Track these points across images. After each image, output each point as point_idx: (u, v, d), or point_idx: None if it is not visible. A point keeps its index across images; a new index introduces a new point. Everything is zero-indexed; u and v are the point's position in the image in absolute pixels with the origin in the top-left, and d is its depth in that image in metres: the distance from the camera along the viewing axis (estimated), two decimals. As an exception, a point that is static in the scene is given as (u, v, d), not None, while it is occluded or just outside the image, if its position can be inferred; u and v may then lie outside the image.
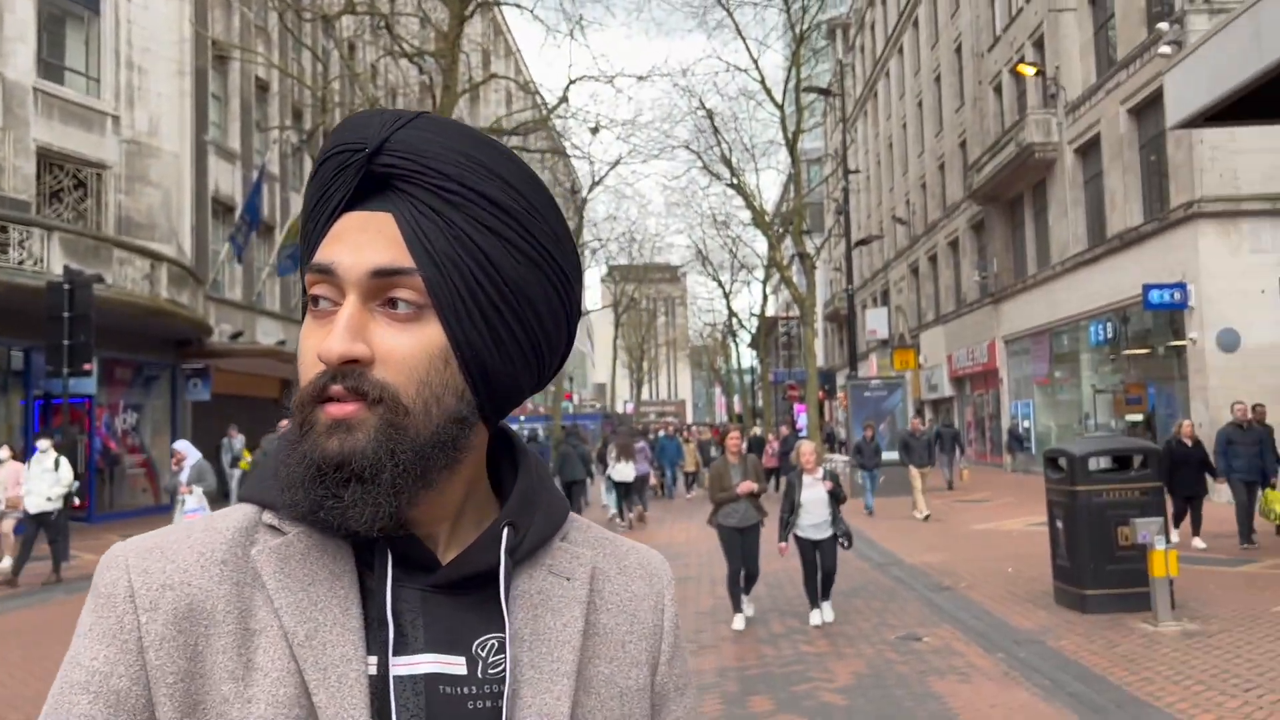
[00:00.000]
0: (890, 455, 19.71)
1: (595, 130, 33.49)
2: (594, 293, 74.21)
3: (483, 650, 0.78)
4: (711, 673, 6.87)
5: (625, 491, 18.05)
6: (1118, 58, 22.24)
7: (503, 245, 0.79)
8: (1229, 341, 18.56)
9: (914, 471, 17.30)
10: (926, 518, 16.36)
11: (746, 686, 6.50)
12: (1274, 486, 11.88)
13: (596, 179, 38.41)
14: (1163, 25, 19.22)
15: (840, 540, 8.37)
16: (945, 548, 12.95)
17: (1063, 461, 8.89)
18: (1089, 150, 24.29)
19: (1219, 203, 18.75)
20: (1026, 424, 28.06)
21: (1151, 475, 8.69)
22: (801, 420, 39.47)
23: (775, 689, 6.41)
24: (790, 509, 8.38)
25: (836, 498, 8.40)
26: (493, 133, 22.51)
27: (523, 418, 38.53)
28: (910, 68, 40.95)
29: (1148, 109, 20.60)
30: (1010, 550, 12.56)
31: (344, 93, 28.79)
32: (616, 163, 37.57)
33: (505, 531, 0.80)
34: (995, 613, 8.62)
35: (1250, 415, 12.26)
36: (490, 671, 0.77)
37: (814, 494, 8.37)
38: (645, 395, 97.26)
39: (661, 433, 26.08)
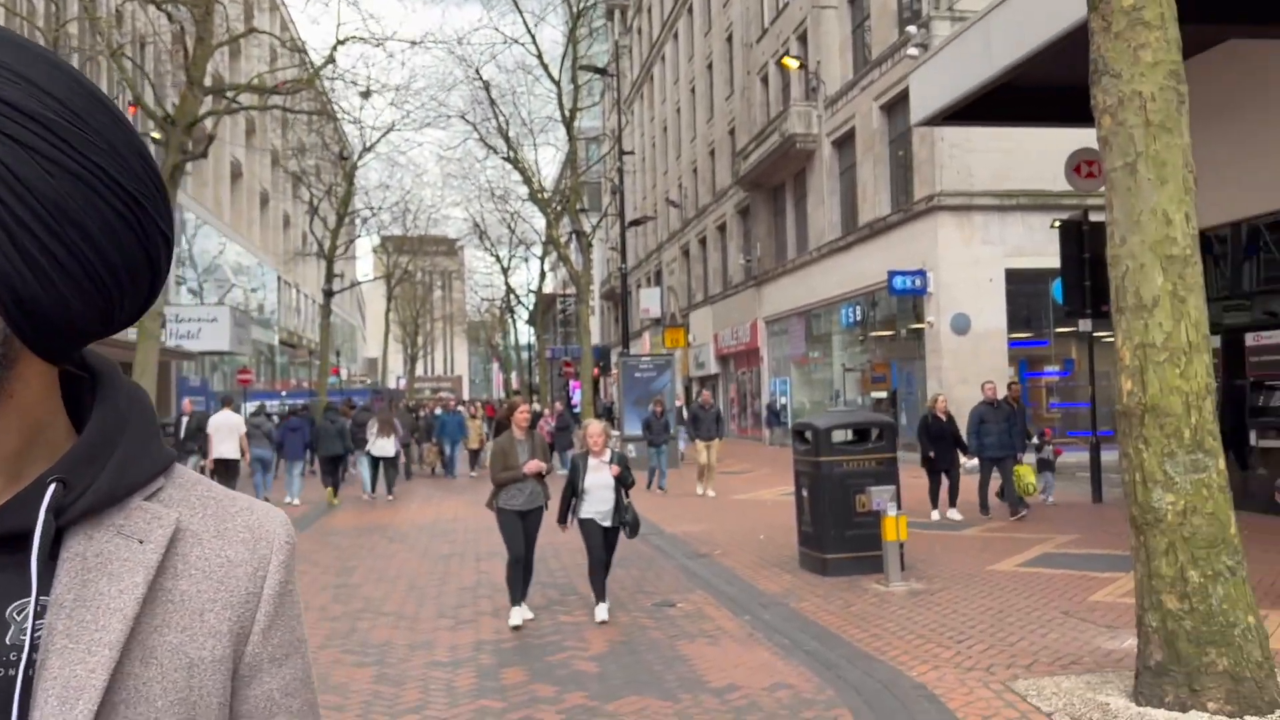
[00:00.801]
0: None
1: (366, 95, 32.18)
2: (365, 263, 71.75)
3: (18, 616, 0.70)
4: (467, 647, 6.81)
5: (382, 466, 17.96)
6: (872, 56, 23.70)
7: (30, 157, 0.69)
8: (961, 325, 20.30)
9: (700, 445, 16.76)
10: (707, 495, 16.18)
11: (502, 659, 6.48)
12: (1020, 461, 12.98)
13: (368, 145, 37.04)
14: (911, 29, 20.64)
15: (624, 528, 7.56)
16: (705, 518, 13.46)
17: (809, 434, 9.41)
18: (845, 143, 25.79)
19: (956, 197, 20.41)
20: (784, 400, 29.60)
21: (887, 447, 9.35)
22: (576, 397, 39.84)
23: (531, 659, 6.43)
24: (573, 491, 7.55)
25: (624, 483, 7.60)
26: (254, 91, 21.15)
27: (284, 393, 36.69)
28: (685, 53, 41.98)
29: (897, 106, 22.03)
30: (764, 519, 13.20)
31: (82, 38, 26.22)
32: (389, 129, 36.28)
33: (52, 488, 0.72)
34: (745, 578, 9.04)
35: (1001, 394, 12.85)
36: (20, 639, 0.69)
37: (600, 478, 7.52)
38: (420, 371, 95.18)
39: (439, 409, 25.20)
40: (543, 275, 45.89)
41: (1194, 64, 12.23)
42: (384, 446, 17.71)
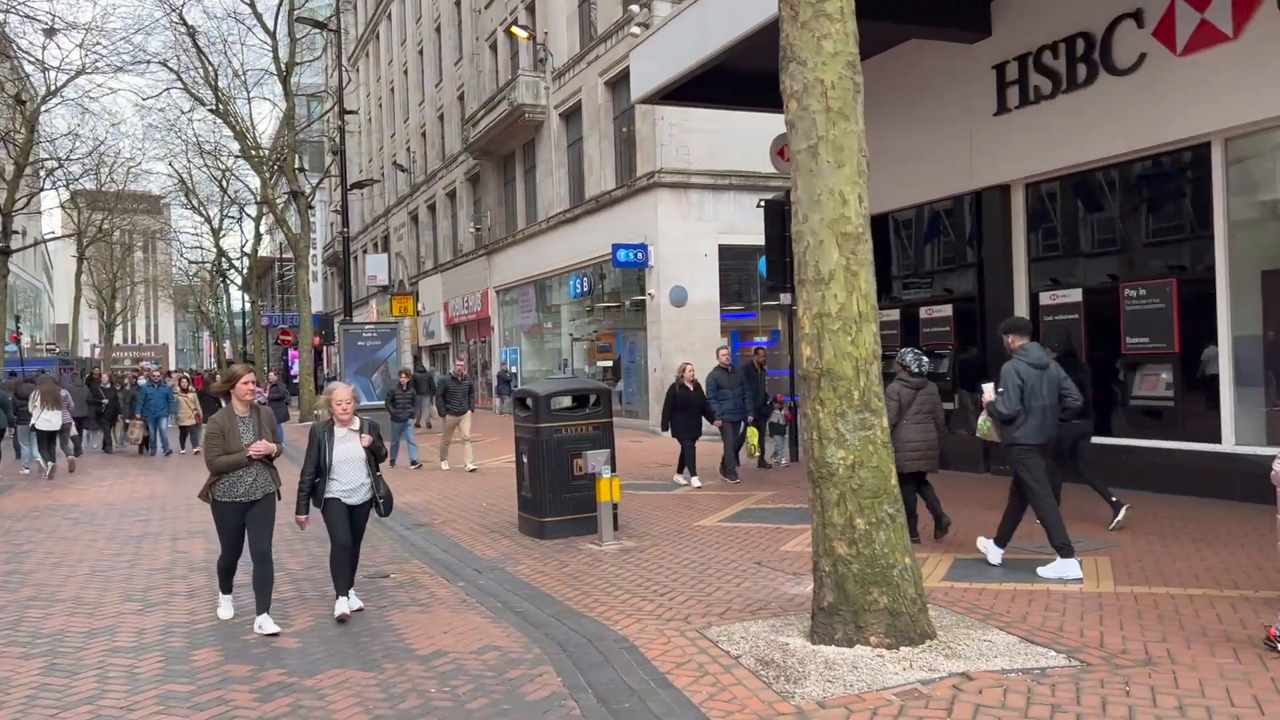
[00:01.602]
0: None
1: (50, 33, 28.97)
2: (53, 219, 64.43)
3: None
4: (155, 631, 6.37)
5: (49, 440, 16.60)
6: (598, 32, 24.07)
7: None
8: (678, 297, 21.20)
9: (452, 419, 15.67)
10: (473, 470, 15.14)
11: (194, 641, 6.12)
12: (751, 423, 13.66)
13: (53, 89, 33.22)
14: (634, 7, 21.13)
15: (378, 503, 6.72)
16: (428, 487, 13.30)
17: (529, 401, 9.52)
18: (572, 116, 26.08)
19: (675, 175, 21.22)
20: (515, 369, 29.72)
21: (603, 413, 9.62)
22: (295, 367, 37.96)
23: (226, 640, 6.11)
24: (315, 471, 6.54)
25: (377, 455, 6.73)
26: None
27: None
28: (412, 14, 40.74)
29: (621, 83, 22.51)
30: (489, 486, 13.24)
31: None
32: (79, 73, 32.67)
33: None
34: (464, 545, 9.04)
35: (732, 359, 13.17)
36: None
37: (349, 450, 6.57)
38: (120, 339, 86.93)
39: (143, 380, 22.85)
40: (258, 238, 43.21)
41: (881, 60, 13.41)
42: (49, 419, 16.32)
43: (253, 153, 32.56)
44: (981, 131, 12.53)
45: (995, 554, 7.35)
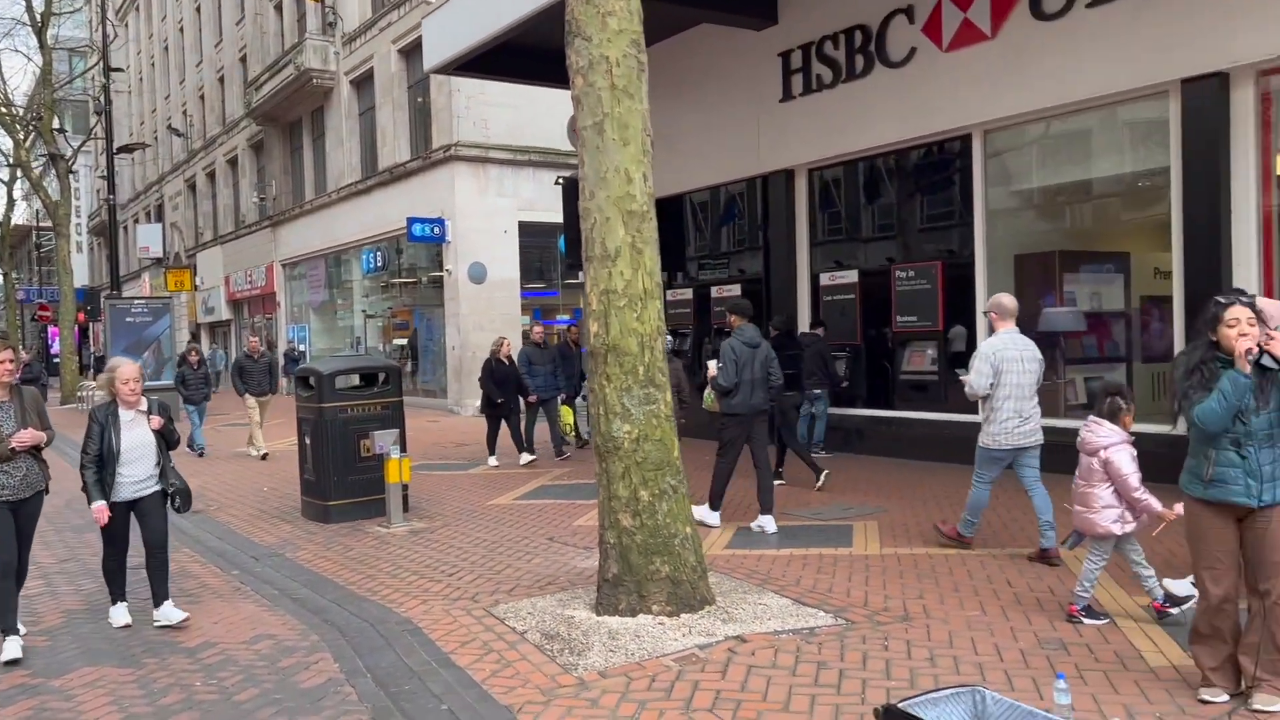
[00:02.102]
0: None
1: None
2: None
3: None
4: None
5: None
6: (392, -2, 23.28)
7: None
8: (478, 274, 20.90)
9: (251, 400, 14.39)
10: (264, 456, 14.04)
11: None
12: (565, 401, 13.49)
13: None
14: (429, -26, 20.54)
15: (172, 499, 5.91)
16: (204, 472, 12.54)
17: (312, 380, 9.13)
18: (364, 84, 25.14)
19: (473, 148, 20.86)
20: (303, 348, 28.49)
21: (393, 391, 9.36)
22: (56, 345, 34.92)
23: (-38, 645, 5.54)
24: (99, 462, 5.66)
25: (169, 440, 5.96)
26: None
27: None
28: (189, -34, 38.07)
29: (416, 52, 21.87)
30: (271, 470, 12.64)
31: None
32: None
33: None
34: (241, 532, 8.59)
35: (547, 336, 12.91)
36: None
37: (138, 435, 5.77)
38: None
39: None
40: (11, 203, 39.26)
41: (673, 43, 13.63)
42: None
43: (4, 111, 29.56)
44: (768, 117, 12.98)
45: (770, 523, 7.67)
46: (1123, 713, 3.87)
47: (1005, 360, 6.50)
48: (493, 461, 12.19)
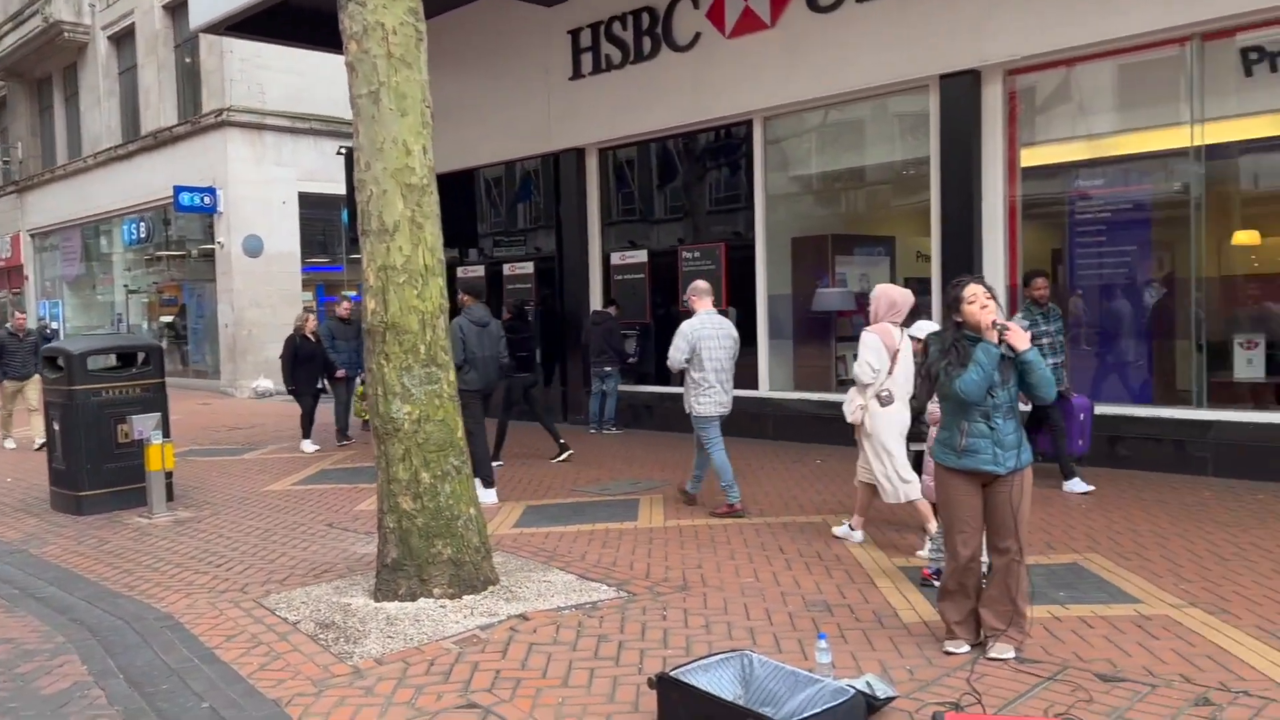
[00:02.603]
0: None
1: None
2: None
3: None
4: None
5: None
6: (156, -52, 21.55)
7: None
8: (253, 247, 19.80)
9: (12, 385, 12.49)
10: (41, 446, 11.37)
11: None
12: (364, 382, 12.71)
13: None
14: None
15: None
16: (-66, 465, 11.28)
17: (61, 360, 8.38)
18: (124, 40, 23.20)
19: (247, 114, 19.68)
20: (56, 325, 26.12)
21: (154, 372, 8.71)
22: None
23: None
24: None
25: None
26: None
27: None
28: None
29: (182, 8, 20.36)
30: (17, 460, 11.54)
31: None
32: None
33: None
34: (-23, 529, 7.78)
35: (348, 310, 12.18)
36: None
37: None
38: None
39: None
40: None
41: (464, 14, 13.33)
42: None
43: None
44: (559, 94, 12.95)
45: (490, 495, 7.83)
46: (878, 667, 4.13)
47: (702, 338, 7.17)
48: (308, 446, 11.43)
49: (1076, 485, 7.66)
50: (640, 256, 12.74)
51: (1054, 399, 5.10)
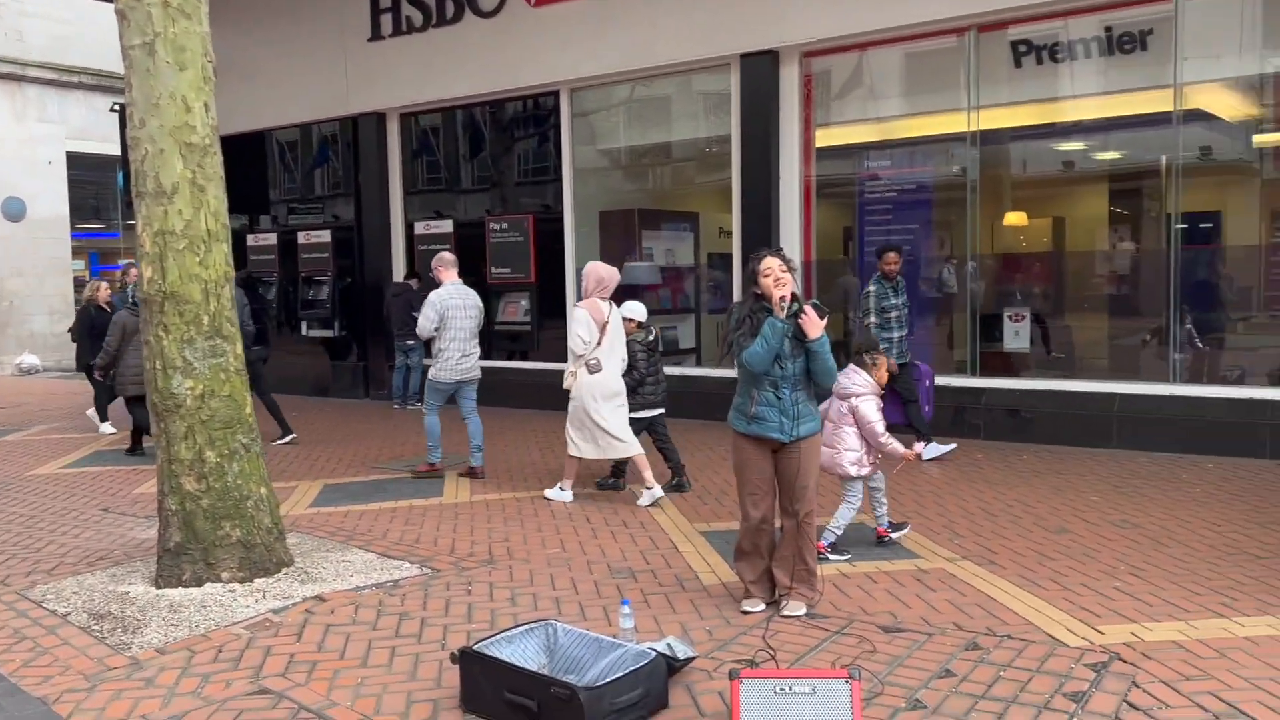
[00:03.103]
0: None
1: None
2: None
3: None
4: None
5: None
6: None
7: None
8: (14, 211, 18.07)
9: None
10: None
11: None
12: None
13: None
14: None
15: None
16: None
17: None
18: None
19: (6, 64, 17.88)
20: None
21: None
22: None
23: None
24: None
25: None
26: None
27: None
28: None
29: (-74, -59, 18.27)
30: None
31: None
32: None
33: None
34: None
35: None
36: None
37: None
38: None
39: None
40: None
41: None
42: None
43: None
44: (357, 56, 12.44)
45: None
46: (679, 629, 4.23)
47: (450, 308, 7.48)
48: (106, 429, 10.37)
49: (934, 450, 7.86)
50: (446, 227, 12.47)
51: (830, 386, 4.88)
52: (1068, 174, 9.13)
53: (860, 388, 5.37)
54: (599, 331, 6.59)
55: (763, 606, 4.45)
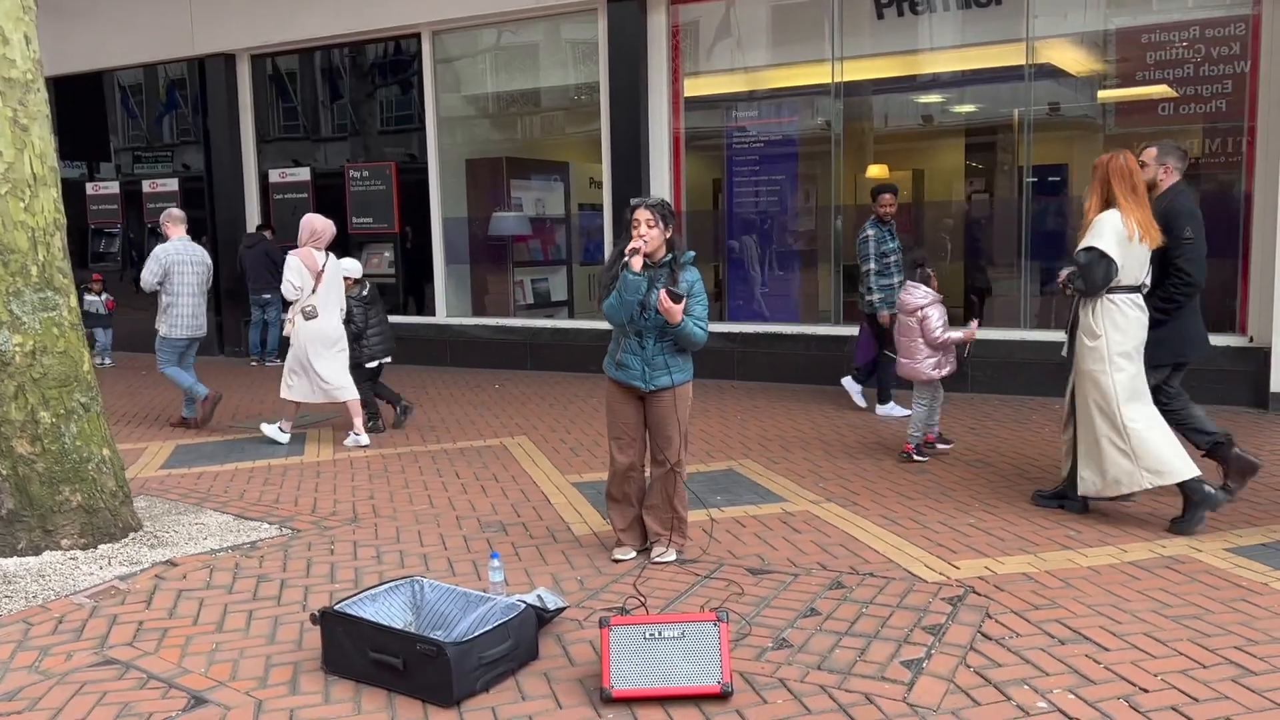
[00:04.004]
0: None
1: None
2: None
3: None
4: None
5: None
6: None
7: None
8: None
9: None
10: None
11: None
12: None
13: None
14: None
15: None
16: None
17: None
18: None
19: None
20: None
21: None
22: None
23: None
24: None
25: None
26: None
27: None
28: None
29: None
30: None
31: None
32: None
33: None
34: None
35: None
36: None
37: None
38: None
39: None
40: None
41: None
42: None
43: None
44: (203, -8, 11.72)
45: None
46: (550, 581, 4.19)
47: (176, 264, 7.55)
48: None
49: (894, 410, 7.62)
50: (303, 175, 11.95)
51: (695, 348, 4.39)
52: (926, 127, 9.36)
53: (923, 298, 6.07)
54: (313, 279, 6.86)
55: (633, 554, 4.45)
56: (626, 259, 4.16)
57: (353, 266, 7.43)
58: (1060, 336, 5.21)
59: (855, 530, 4.82)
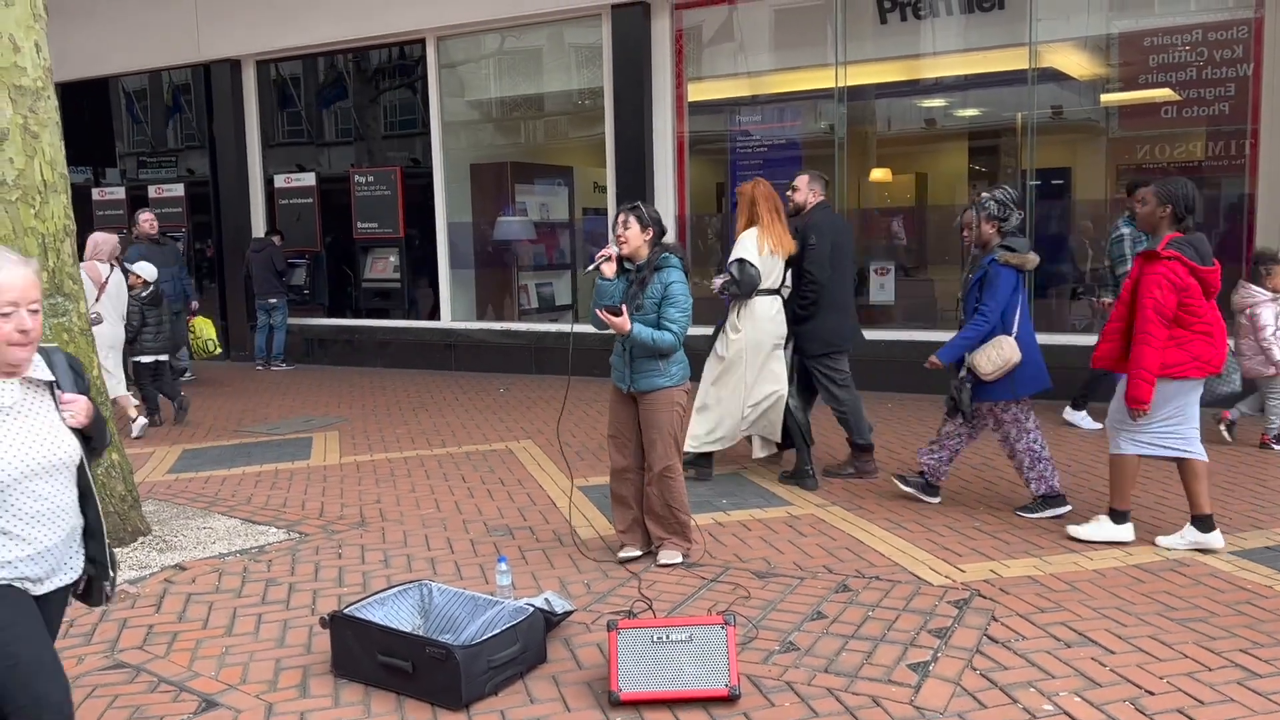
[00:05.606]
0: None
1: None
2: None
3: None
4: None
5: None
6: None
7: None
8: None
9: None
10: None
11: None
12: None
13: None
14: None
15: (95, 586, 2.67)
16: None
17: None
18: None
19: None
20: None
21: None
22: None
23: None
24: None
25: (95, 446, 2.57)
26: None
27: None
28: None
29: None
30: None
31: None
32: None
33: None
34: None
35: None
36: None
37: (33, 444, 2.36)
38: None
39: None
40: None
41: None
42: None
43: None
44: (209, -1, 11.77)
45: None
46: (557, 584, 4.22)
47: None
48: None
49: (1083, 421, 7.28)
50: (308, 180, 12.00)
51: (665, 351, 4.28)
52: (929, 131, 9.38)
53: (1253, 296, 6.15)
54: (97, 290, 7.32)
55: (638, 553, 4.47)
56: (597, 264, 4.24)
57: (147, 270, 8.07)
58: (1068, 339, 5.23)
59: (861, 534, 4.84)
